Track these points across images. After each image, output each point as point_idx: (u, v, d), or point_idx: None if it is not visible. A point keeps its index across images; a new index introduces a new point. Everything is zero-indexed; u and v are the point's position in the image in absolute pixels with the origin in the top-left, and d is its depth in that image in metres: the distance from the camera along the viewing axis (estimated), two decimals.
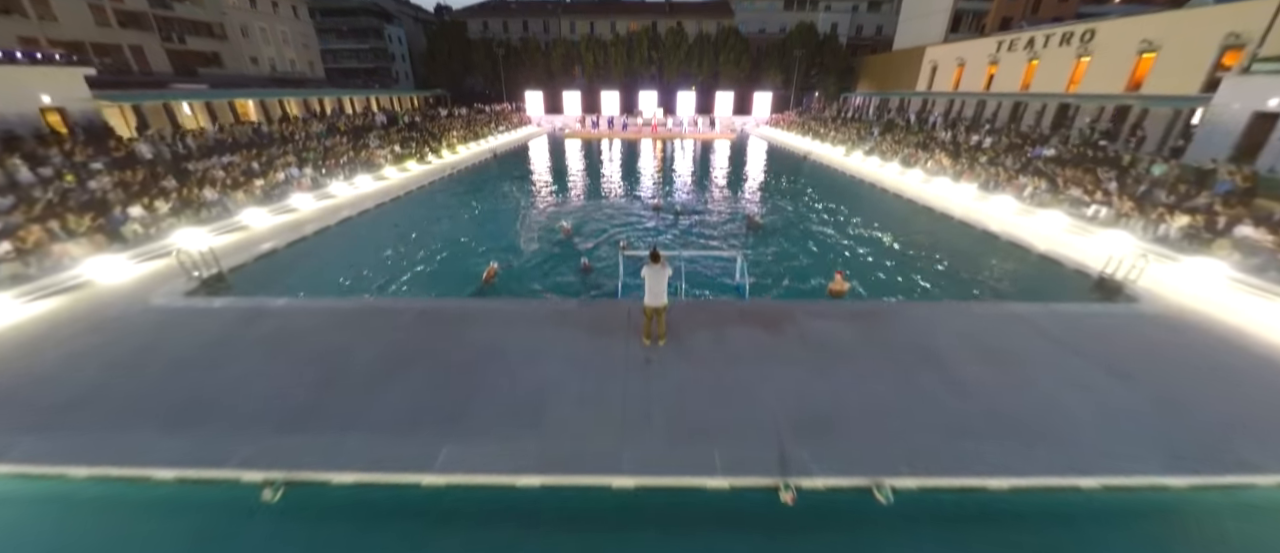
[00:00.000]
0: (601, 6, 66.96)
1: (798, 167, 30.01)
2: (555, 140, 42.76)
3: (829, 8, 62.87)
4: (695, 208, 19.16)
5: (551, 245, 15.48)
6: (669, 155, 34.69)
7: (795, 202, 21.25)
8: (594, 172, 28.61)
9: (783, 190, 23.59)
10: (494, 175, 27.20)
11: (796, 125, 42.10)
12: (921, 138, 26.56)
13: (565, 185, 24.76)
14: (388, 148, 24.41)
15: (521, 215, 19.10)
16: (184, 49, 41.37)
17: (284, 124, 24.91)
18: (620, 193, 22.69)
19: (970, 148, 23.50)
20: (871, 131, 30.26)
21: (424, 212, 19.22)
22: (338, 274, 12.76)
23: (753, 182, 25.80)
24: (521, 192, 23.24)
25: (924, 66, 43.12)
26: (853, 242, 15.80)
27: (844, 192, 23.33)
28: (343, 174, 20.35)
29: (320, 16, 65.65)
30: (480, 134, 34.45)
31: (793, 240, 15.70)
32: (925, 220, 18.06)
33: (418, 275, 13.08)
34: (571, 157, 34.22)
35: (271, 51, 49.16)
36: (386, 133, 27.42)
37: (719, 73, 53.69)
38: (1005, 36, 34.62)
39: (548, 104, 53.47)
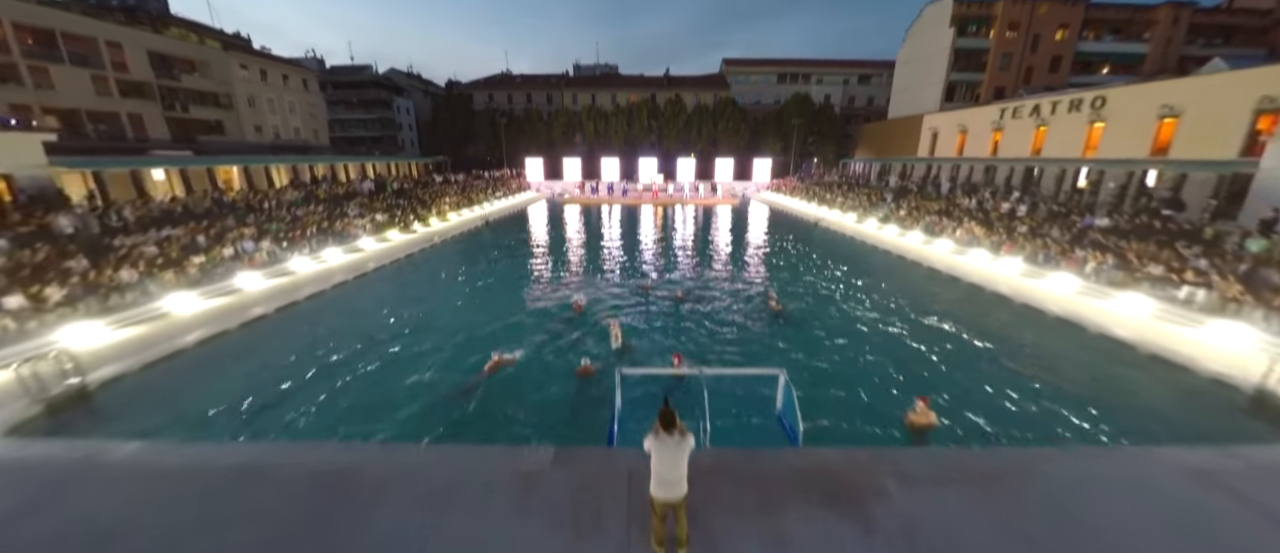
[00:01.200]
0: (603, 80, 68.37)
1: (808, 234, 27.66)
2: (554, 206, 40.98)
3: (821, 81, 64.08)
4: (702, 290, 16.26)
5: (547, 329, 12.52)
6: (670, 222, 32.53)
7: (816, 275, 18.52)
8: (592, 240, 26.18)
9: (798, 262, 20.95)
10: (484, 244, 24.73)
11: (800, 191, 40.50)
12: (943, 205, 24.34)
13: (560, 256, 22.16)
14: (368, 217, 22.04)
15: (509, 291, 16.27)
16: (186, 118, 40.51)
17: (253, 193, 22.63)
18: (618, 266, 20.00)
19: (1002, 216, 21.12)
20: (884, 198, 28.17)
21: (395, 288, 16.41)
22: (246, 389, 9.65)
23: (763, 252, 23.26)
24: (510, 262, 20.59)
25: (924, 133, 42.30)
26: (902, 330, 12.81)
27: (866, 263, 20.69)
28: (309, 247, 17.72)
29: (332, 90, 66.92)
30: (475, 200, 32.49)
31: (830, 330, 12.70)
32: (975, 301, 15.19)
33: (359, 384, 9.96)
34: (569, 223, 32.06)
35: (277, 120, 48.70)
36: (371, 200, 25.23)
37: (718, 140, 53.27)
38: (1007, 104, 33.66)
39: (548, 170, 52.56)
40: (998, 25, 43.06)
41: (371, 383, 10.00)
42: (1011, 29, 43.06)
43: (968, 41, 43.71)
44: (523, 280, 17.71)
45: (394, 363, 10.88)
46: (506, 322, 13.33)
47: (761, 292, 15.57)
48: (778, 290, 15.53)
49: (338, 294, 15.55)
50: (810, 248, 23.95)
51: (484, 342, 11.87)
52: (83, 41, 34.10)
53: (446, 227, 26.46)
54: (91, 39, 34.48)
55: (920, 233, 22.62)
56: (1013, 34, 43.16)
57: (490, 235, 26.95)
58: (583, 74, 73.28)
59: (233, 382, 9.90)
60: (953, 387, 9.59)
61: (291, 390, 9.59)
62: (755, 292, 15.89)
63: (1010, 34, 43.14)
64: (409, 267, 19.55)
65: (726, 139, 52.89)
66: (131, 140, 36.31)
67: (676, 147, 53.58)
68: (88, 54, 34.39)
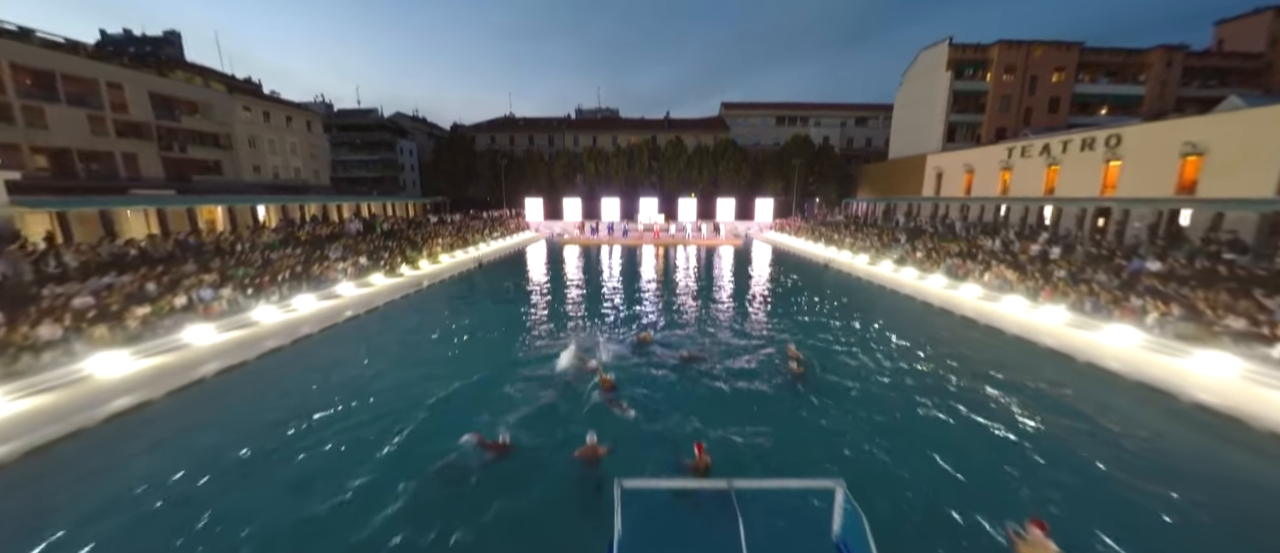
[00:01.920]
0: (604, 122, 68.80)
1: (819, 277, 25.91)
2: (553, 247, 39.48)
3: (819, 123, 64.35)
4: (710, 343, 14.25)
5: (540, 392, 10.50)
6: (672, 264, 30.83)
7: (836, 326, 16.60)
8: (591, 284, 24.40)
9: (813, 309, 19.07)
10: (477, 287, 22.92)
11: (805, 230, 39.14)
12: (964, 246, 22.69)
13: (557, 301, 20.31)
14: (351, 259, 20.35)
15: (499, 344, 14.32)
16: (182, 158, 39.71)
17: (225, 234, 20.94)
18: (617, 314, 18.09)
19: (1034, 259, 19.42)
20: (898, 239, 26.59)
21: (371, 340, 14.46)
22: (157, 477, 7.59)
23: (773, 297, 21.42)
24: (502, 309, 18.72)
25: (928, 173, 41.43)
26: (959, 399, 10.77)
27: (888, 309, 18.80)
28: (278, 294, 15.91)
29: (337, 132, 67.15)
30: (470, 241, 30.97)
31: (871, 401, 10.63)
32: (1028, 358, 13.22)
33: (305, 471, 7.89)
34: (567, 265, 30.38)
35: (277, 161, 48.10)
36: (357, 241, 23.61)
37: (719, 180, 52.59)
38: (1014, 144, 32.78)
39: (548, 210, 51.56)
40: (994, 69, 43.08)
41: (322, 469, 7.93)
42: (1008, 72, 43.05)
43: (965, 84, 43.63)
44: (515, 331, 15.78)
45: (352, 439, 8.83)
46: (494, 382, 11.32)
47: (778, 348, 13.55)
48: (797, 345, 13.58)
49: (300, 350, 13.60)
50: (823, 293, 22.14)
51: (464, 409, 9.84)
52: (83, 83, 33.62)
53: (437, 269, 24.75)
54: (92, 80, 34.03)
55: (943, 276, 20.87)
56: (1010, 77, 43.10)
57: (484, 278, 25.19)
58: (584, 117, 73.91)
59: (140, 470, 7.83)
60: (1061, 490, 7.39)
61: (209, 489, 7.50)
62: (771, 347, 13.90)
63: (1007, 77, 43.08)
64: (390, 314, 17.66)
65: (727, 179, 52.21)
66: (123, 180, 35.27)
67: (677, 187, 52.85)
68: (87, 95, 33.84)
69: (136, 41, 74.02)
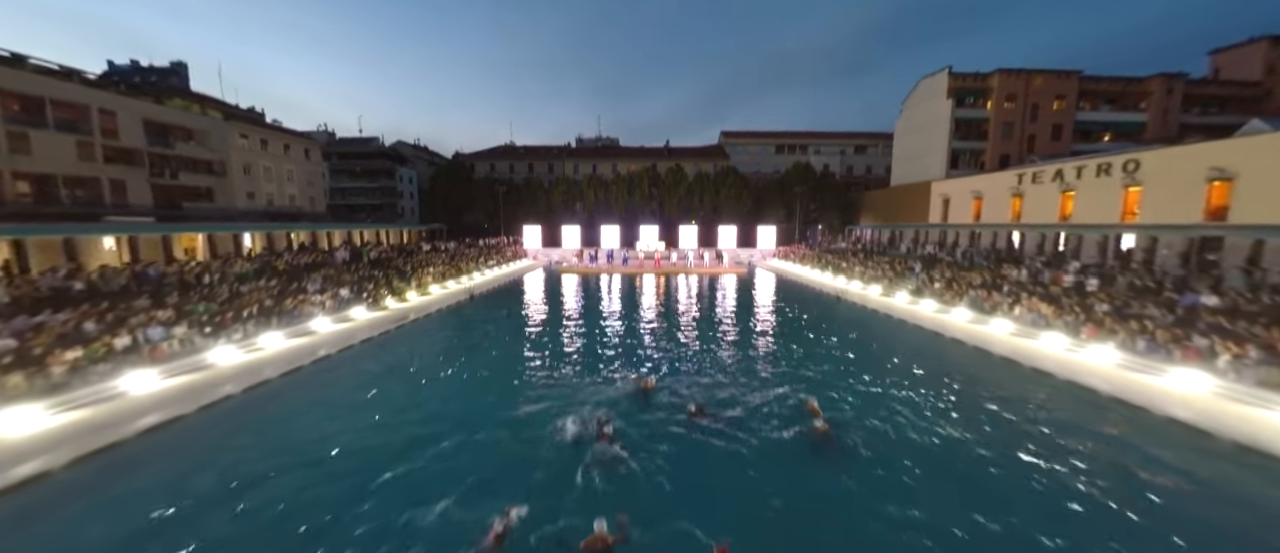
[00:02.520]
0: (604, 150, 68.50)
1: (831, 310, 24.29)
2: (550, 276, 37.97)
3: (818, 151, 64.01)
4: (717, 389, 12.48)
5: (535, 457, 8.73)
6: (674, 295, 29.22)
7: (857, 365, 14.91)
8: (589, 317, 22.75)
9: (828, 347, 17.37)
10: (467, 321, 21.23)
11: (810, 259, 37.74)
12: (987, 276, 21.15)
13: (551, 338, 18.62)
14: (330, 291, 18.75)
15: (485, 390, 12.58)
16: (173, 185, 38.58)
17: (191, 264, 19.27)
18: (615, 353, 16.38)
19: (1068, 290, 17.84)
20: (912, 268, 25.08)
21: (339, 384, 12.73)
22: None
23: (784, 333, 19.74)
24: (491, 347, 17.02)
25: (934, 200, 40.37)
26: (1009, 462, 9.02)
27: (912, 347, 17.09)
28: (242, 332, 14.25)
29: (337, 160, 66.67)
30: (464, 270, 29.46)
31: (907, 469, 8.86)
32: (1092, 409, 11.48)
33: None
34: (565, 296, 28.77)
35: (272, 188, 47.10)
36: (340, 272, 22.04)
37: (719, 207, 51.60)
38: (1025, 170, 31.75)
39: (546, 238, 50.34)
40: (995, 97, 42.67)
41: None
42: (1009, 100, 42.62)
43: (967, 112, 43.14)
44: (505, 373, 14.04)
45: (299, 520, 7.04)
46: (479, 442, 9.56)
47: (797, 401, 11.63)
48: (818, 395, 11.83)
49: (256, 398, 11.84)
50: (837, 328, 20.47)
51: (440, 480, 8.07)
52: (74, 109, 32.79)
53: (426, 301, 23.14)
54: (83, 107, 33.22)
55: (967, 309, 19.26)
56: (1011, 105, 42.65)
57: (475, 311, 23.52)
58: (584, 146, 73.70)
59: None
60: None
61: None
62: (789, 395, 12.14)
63: (1008, 105, 42.63)
64: (367, 353, 15.93)
65: (729, 207, 51.22)
66: (108, 207, 34.04)
67: (678, 214, 51.82)
68: (77, 121, 32.91)
69: (143, 72, 74.65)
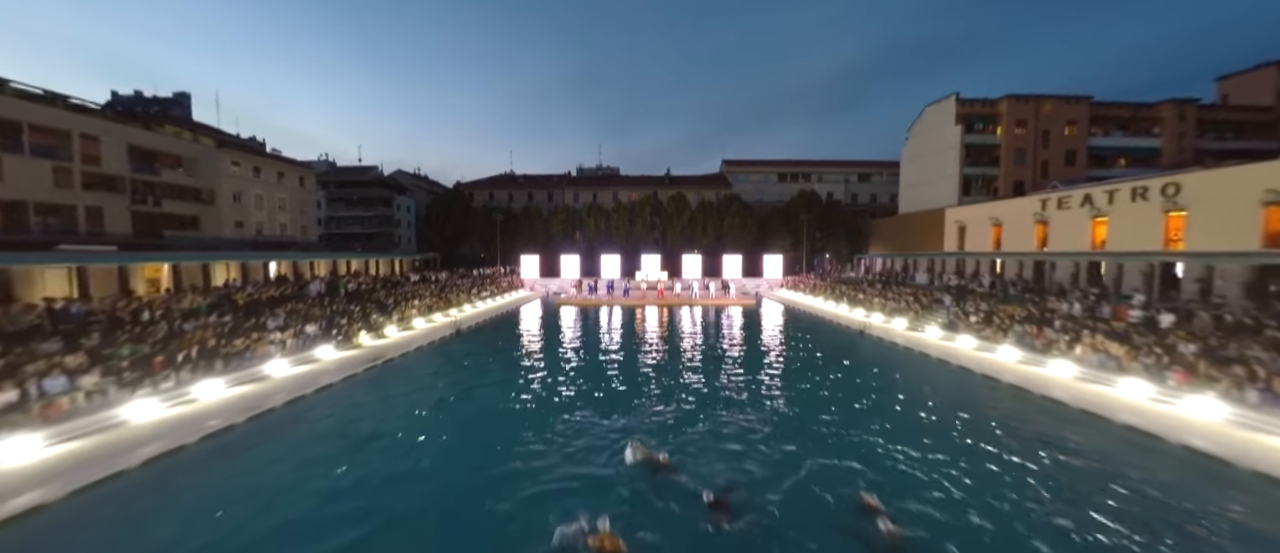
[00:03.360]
0: (604, 179, 67.38)
1: (854, 345, 21.88)
2: (548, 308, 35.63)
3: (821, 179, 62.84)
4: (741, 471, 9.74)
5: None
6: (680, 331, 26.75)
7: (904, 421, 12.46)
8: (588, 357, 20.32)
9: (863, 394, 14.93)
10: (449, 362, 18.75)
11: (822, 289, 35.50)
12: (1034, 311, 18.80)
13: (544, 386, 16.17)
14: (295, 328, 16.42)
15: (453, 467, 10.12)
16: (156, 212, 36.80)
17: (126, 299, 16.71)
18: (617, 413, 13.85)
19: (1135, 326, 15.50)
20: (940, 299, 22.78)
21: (268, 455, 10.27)
22: None
23: (806, 374, 17.27)
24: (473, 396, 14.58)
25: (949, 227, 38.50)
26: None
27: (961, 395, 14.60)
28: (174, 379, 11.88)
29: (334, 188, 65.45)
30: (454, 302, 27.19)
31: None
32: (1202, 483, 9.01)
33: None
34: (562, 332, 26.34)
35: (262, 216, 45.39)
36: (311, 306, 19.72)
37: (723, 236, 49.78)
38: (1049, 195, 29.95)
39: (545, 267, 48.29)
40: (1005, 122, 41.51)
41: None
42: (1019, 126, 41.43)
43: (977, 138, 41.90)
44: (486, 435, 11.58)
45: None
46: (446, 539, 7.09)
47: (849, 491, 8.54)
48: (869, 469, 9.34)
49: (158, 472, 9.37)
50: (867, 369, 18.03)
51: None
52: (54, 134, 31.33)
53: (407, 337, 20.79)
54: (64, 132, 31.77)
55: (1013, 347, 16.89)
56: (1021, 130, 41.43)
57: (462, 348, 21.08)
58: (585, 175, 72.64)
59: None
60: None
61: None
62: (832, 473, 9.48)
63: (1019, 130, 41.41)
64: (325, 403, 13.46)
65: (733, 235, 49.41)
66: (82, 234, 32.12)
67: (681, 243, 49.95)
68: (56, 146, 31.37)
69: (146, 102, 74.53)
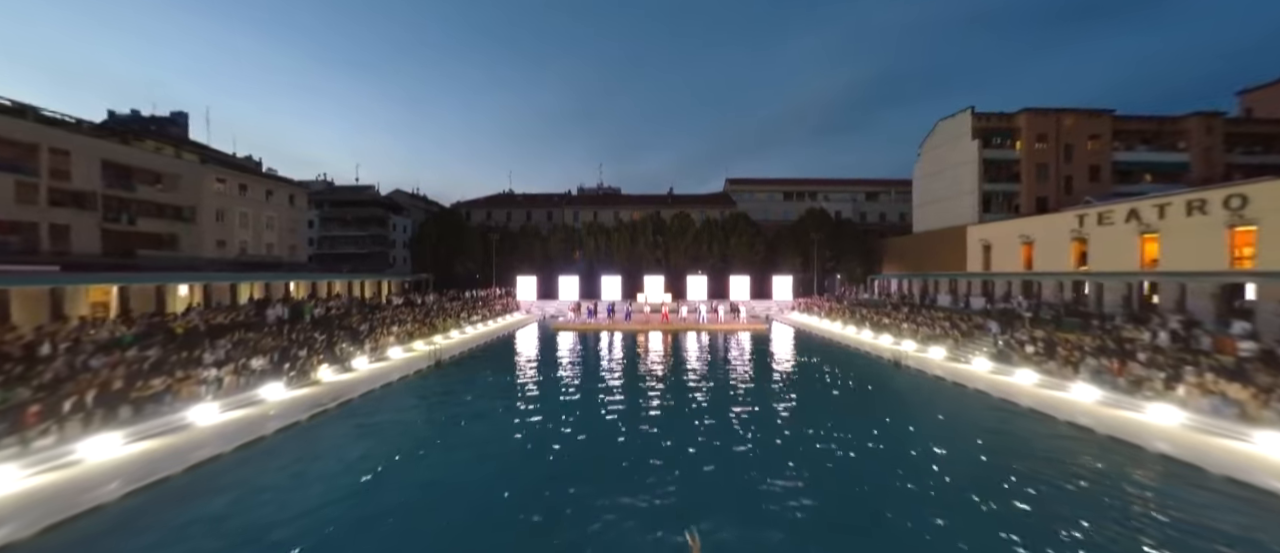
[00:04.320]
0: (605, 198, 65.41)
1: (888, 379, 19.08)
2: (544, 332, 32.88)
3: (828, 198, 60.83)
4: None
5: None
6: (691, 361, 23.91)
7: (969, 478, 9.68)
8: (587, 393, 17.56)
9: (916, 442, 12.16)
10: (423, 401, 15.98)
11: (839, 312, 32.79)
12: (1108, 341, 16.04)
13: (533, 433, 13.40)
14: (236, 364, 13.74)
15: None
16: (130, 230, 34.49)
17: (11, 332, 13.83)
18: (619, 479, 11.10)
19: (1247, 361, 12.75)
20: (985, 325, 20.03)
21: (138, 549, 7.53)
22: None
23: (841, 415, 14.48)
24: (437, 452, 11.82)
25: (971, 246, 36.03)
26: None
27: (1021, 441, 11.83)
28: (56, 434, 9.19)
29: (329, 207, 63.50)
30: (439, 327, 24.52)
31: None
32: None
33: None
34: (557, 363, 23.55)
35: (247, 235, 43.09)
36: (262, 336, 16.98)
37: (729, 256, 47.32)
38: (1086, 211, 27.54)
39: (542, 289, 45.73)
40: (1025, 137, 39.49)
41: None
42: (1040, 140, 39.39)
43: (995, 153, 39.83)
44: (456, 504, 8.84)
45: None
46: None
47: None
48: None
49: None
50: (909, 408, 15.24)
51: None
52: (20, 147, 29.32)
53: (378, 370, 18.07)
54: (31, 145, 29.75)
55: (1089, 385, 14.13)
56: (1042, 145, 39.37)
57: (441, 382, 18.32)
58: (586, 194, 70.70)
59: None
60: None
61: None
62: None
63: (1040, 145, 39.35)
64: (252, 462, 10.70)
65: (740, 255, 46.96)
66: (45, 254, 29.74)
67: (685, 263, 47.47)
68: (21, 160, 29.32)
69: (143, 121, 73.33)
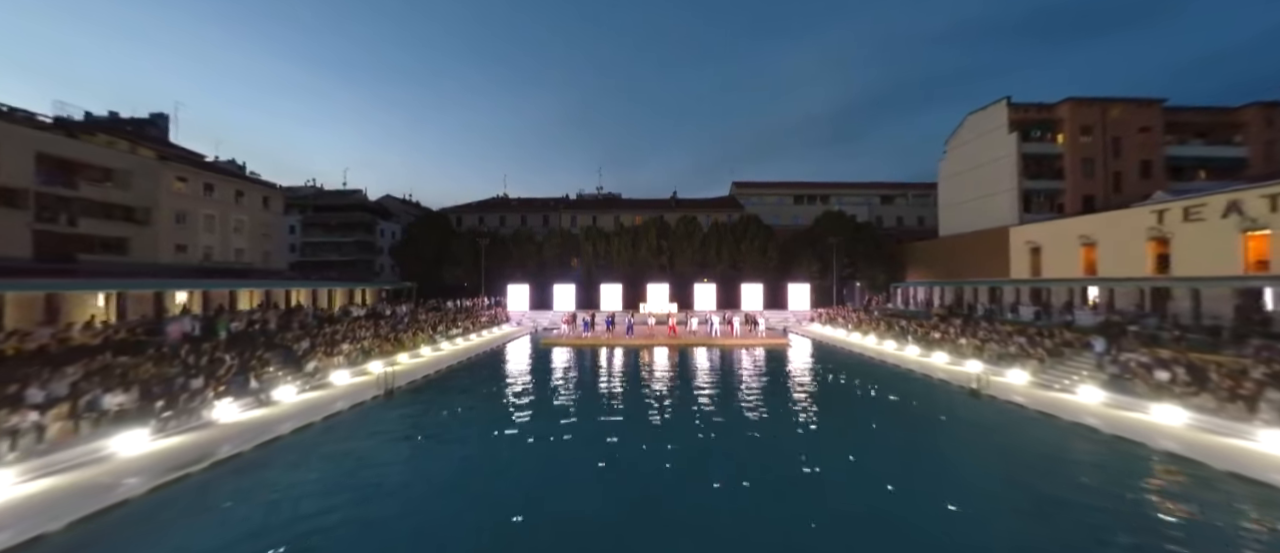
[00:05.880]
0: (605, 202, 61.55)
1: (966, 409, 14.85)
2: (532, 350, 28.61)
3: (840, 202, 56.93)
4: None
5: None
6: (705, 386, 19.67)
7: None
8: (580, 433, 13.36)
9: (1039, 517, 8.02)
10: (353, 445, 11.87)
11: (868, 324, 28.59)
12: (1249, 363, 11.76)
13: (499, 501, 9.24)
14: (75, 402, 9.63)
15: None
16: (69, 233, 30.52)
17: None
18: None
19: None
20: (1089, 344, 15.80)
21: None
22: None
23: (920, 466, 10.36)
24: (384, 535, 7.67)
25: (1015, 249, 31.94)
26: None
27: (1209, 509, 7.70)
28: None
29: (311, 212, 59.75)
30: (407, 344, 20.39)
31: None
32: None
33: None
34: (549, 386, 19.39)
35: (213, 239, 39.11)
36: (146, 360, 12.65)
37: (740, 263, 43.26)
38: (1167, 204, 23.52)
39: (536, 298, 41.63)
40: (1068, 129, 35.62)
41: None
42: (1084, 133, 35.51)
43: (1034, 147, 35.94)
44: None
45: None
46: None
47: None
48: None
49: None
50: (1010, 452, 11.05)
51: None
52: None
53: (310, 401, 13.90)
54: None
55: (1259, 424, 9.93)
56: (1087, 138, 35.47)
57: (385, 418, 14.11)
58: (584, 199, 66.96)
59: None
60: None
61: None
62: None
63: (1084, 138, 35.44)
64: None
65: (751, 261, 42.90)
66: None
67: (692, 270, 43.39)
68: None
69: (119, 122, 69.90)
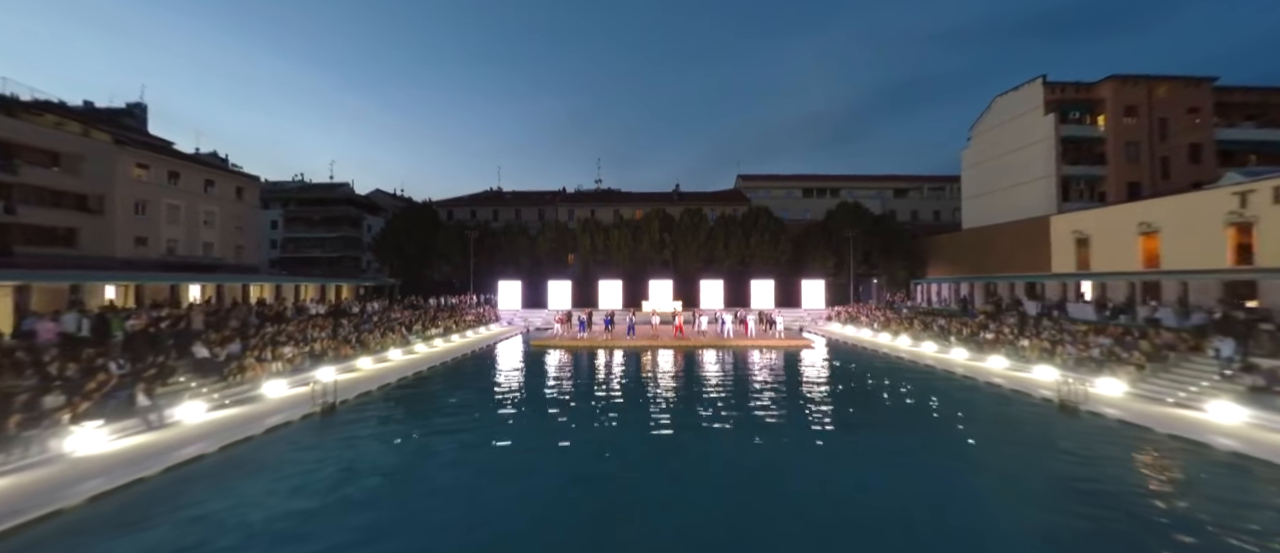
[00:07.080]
0: (604, 195, 58.37)
1: (1062, 429, 11.64)
2: (522, 352, 25.40)
3: (852, 195, 53.83)
4: None
5: None
6: (719, 396, 16.64)
7: None
8: (577, 458, 10.24)
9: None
10: (269, 483, 8.78)
11: (898, 323, 25.43)
12: None
13: None
14: None
15: None
16: (7, 222, 27.39)
17: None
18: None
19: None
20: (1217, 349, 12.56)
21: None
22: None
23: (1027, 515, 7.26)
24: None
25: (1058, 240, 28.80)
26: None
27: None
28: None
29: (295, 206, 56.57)
30: (372, 347, 17.19)
31: None
32: None
33: None
34: (524, 406, 16.27)
35: (177, 232, 35.91)
36: (9, 368, 9.48)
37: (749, 258, 40.13)
38: (1251, 185, 20.40)
39: (529, 296, 38.50)
40: (1109, 110, 32.55)
41: None
42: (1129, 115, 32.46)
43: (1072, 129, 32.89)
44: None
45: None
46: None
47: None
48: None
49: None
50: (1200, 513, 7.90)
51: None
52: None
53: (209, 424, 10.72)
54: None
55: None
56: (1132, 120, 32.41)
57: (319, 444, 10.95)
58: (583, 193, 63.78)
59: None
60: None
61: None
62: None
63: (1129, 120, 32.38)
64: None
65: (761, 256, 39.78)
66: None
67: (697, 266, 40.25)
68: None
69: (96, 112, 66.71)
